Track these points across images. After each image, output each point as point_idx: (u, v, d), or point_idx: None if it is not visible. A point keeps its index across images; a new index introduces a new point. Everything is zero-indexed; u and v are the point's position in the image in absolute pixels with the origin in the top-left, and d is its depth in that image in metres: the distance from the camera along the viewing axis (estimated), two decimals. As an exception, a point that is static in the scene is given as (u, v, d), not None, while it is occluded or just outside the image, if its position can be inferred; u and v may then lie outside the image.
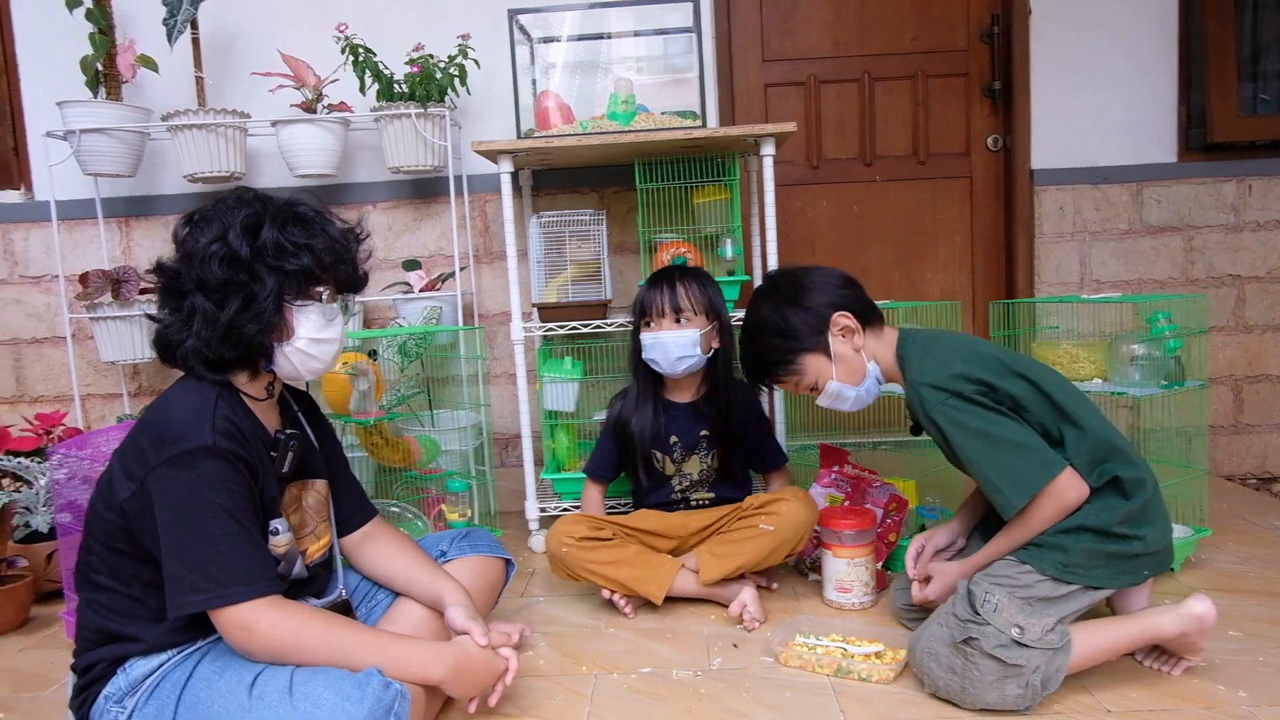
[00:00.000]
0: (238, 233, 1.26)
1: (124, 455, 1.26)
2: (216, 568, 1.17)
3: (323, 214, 1.34)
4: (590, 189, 2.77)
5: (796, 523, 1.85)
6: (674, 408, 2.02)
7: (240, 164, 2.57)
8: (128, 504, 1.22)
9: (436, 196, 2.78)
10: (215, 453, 1.19)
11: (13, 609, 2.06)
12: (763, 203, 2.34)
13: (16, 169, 2.88)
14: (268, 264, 1.26)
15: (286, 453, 1.35)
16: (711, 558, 1.86)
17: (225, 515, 1.19)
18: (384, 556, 1.53)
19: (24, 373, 2.92)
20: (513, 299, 2.33)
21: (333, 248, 1.32)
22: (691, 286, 1.96)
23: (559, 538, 1.87)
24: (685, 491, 2.05)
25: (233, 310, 1.26)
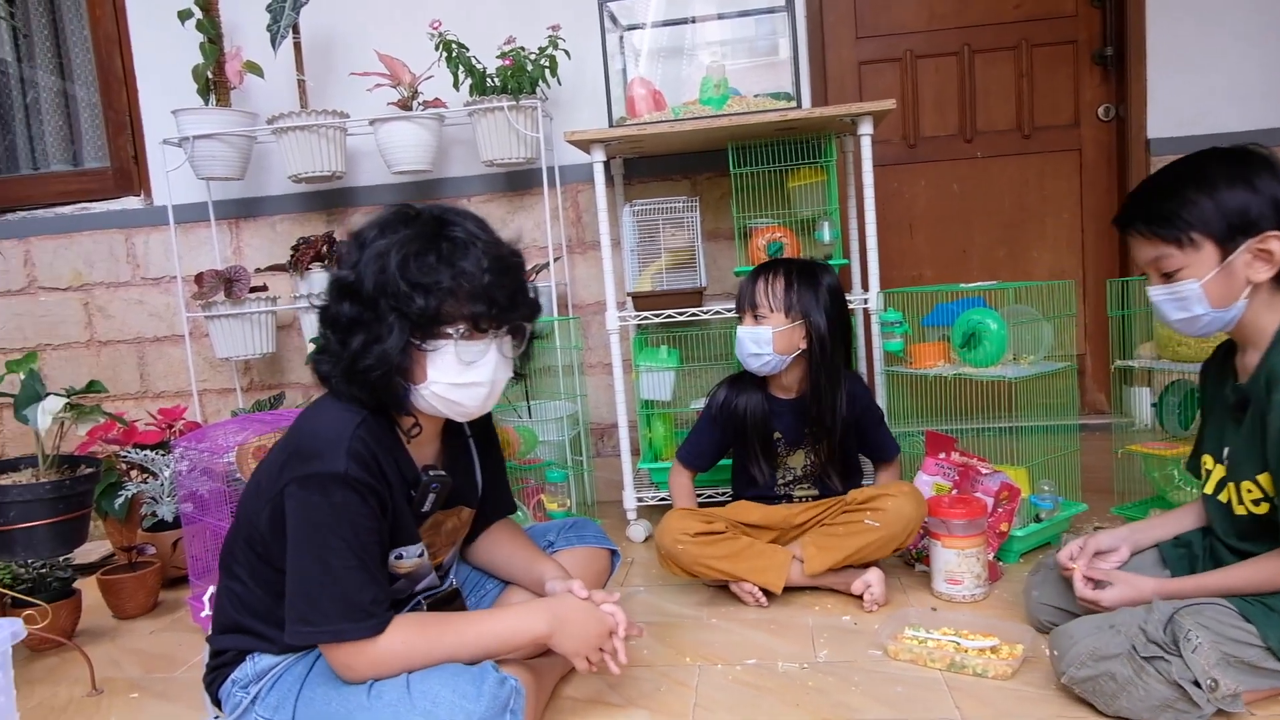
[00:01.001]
0: (369, 263, 1.17)
1: (270, 461, 1.25)
2: (330, 602, 1.16)
3: (472, 238, 1.19)
4: (683, 176, 2.74)
5: (904, 519, 1.80)
6: (777, 403, 1.99)
7: (341, 163, 2.63)
8: (262, 516, 1.22)
9: (530, 188, 2.79)
10: (347, 482, 1.15)
11: (143, 594, 2.17)
12: (860, 184, 2.28)
13: (137, 176, 3.02)
14: (390, 303, 1.17)
15: (427, 494, 1.30)
16: (816, 550, 1.84)
17: (346, 548, 1.15)
18: (492, 545, 1.54)
19: (147, 370, 3.06)
20: (607, 288, 2.33)
21: (465, 284, 1.17)
22: (776, 283, 1.90)
23: (672, 534, 1.85)
24: (789, 484, 2.01)
25: (355, 348, 1.19)
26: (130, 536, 2.41)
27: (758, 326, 1.89)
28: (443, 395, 1.23)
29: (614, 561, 1.65)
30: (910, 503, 1.81)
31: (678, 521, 1.86)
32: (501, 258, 1.21)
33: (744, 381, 2.00)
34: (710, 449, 2.08)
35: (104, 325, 3.06)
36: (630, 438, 2.43)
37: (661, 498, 2.42)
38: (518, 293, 1.23)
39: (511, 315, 1.23)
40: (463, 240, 1.19)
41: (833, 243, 2.34)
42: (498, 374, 1.25)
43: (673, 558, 1.85)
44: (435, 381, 1.22)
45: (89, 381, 2.01)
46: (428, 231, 1.19)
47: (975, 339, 2.14)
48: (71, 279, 3.05)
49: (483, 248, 1.20)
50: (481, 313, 1.19)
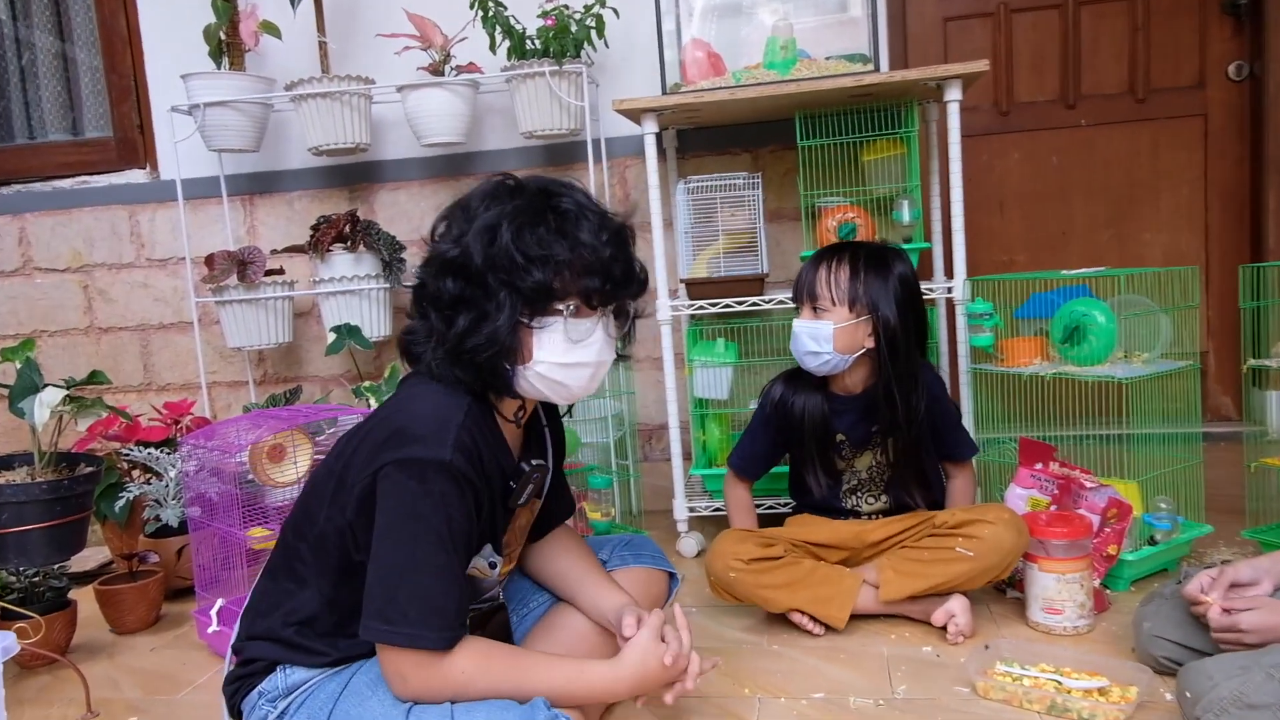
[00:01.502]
0: (476, 237, 1.20)
1: (361, 442, 1.26)
2: (411, 601, 1.17)
3: (583, 210, 1.23)
4: (743, 149, 2.72)
5: (1002, 550, 1.77)
6: (838, 401, 1.96)
7: (365, 134, 2.65)
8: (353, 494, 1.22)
9: (573, 163, 2.79)
10: (449, 471, 1.17)
11: (144, 607, 2.19)
12: (946, 157, 2.25)
13: (143, 147, 3.08)
14: (500, 278, 1.20)
15: (527, 485, 1.34)
16: (895, 574, 1.81)
17: (438, 544, 1.17)
18: (555, 556, 1.54)
19: (151, 360, 3.12)
20: (658, 274, 2.32)
21: (583, 256, 1.21)
22: (840, 270, 1.87)
23: (724, 560, 1.83)
24: (854, 492, 1.99)
25: (461, 328, 1.22)
26: (131, 543, 2.45)
27: (817, 321, 1.86)
28: (548, 376, 1.26)
29: (672, 585, 1.65)
30: (1011, 532, 1.77)
31: (730, 545, 1.85)
32: (619, 229, 1.26)
33: (802, 378, 1.98)
34: (765, 454, 2.07)
35: (105, 310, 3.12)
36: (682, 440, 2.41)
37: (716, 508, 2.41)
38: (630, 269, 1.27)
39: (624, 291, 1.27)
40: (574, 211, 1.22)
41: (913, 224, 2.31)
42: (603, 354, 1.29)
43: (725, 586, 1.84)
44: (541, 361, 1.25)
45: (90, 372, 2.05)
46: (537, 203, 1.22)
47: (1079, 333, 2.10)
48: (70, 259, 3.12)
49: (597, 219, 1.23)
50: (595, 288, 1.23)
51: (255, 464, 2.01)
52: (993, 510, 1.82)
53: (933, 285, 2.26)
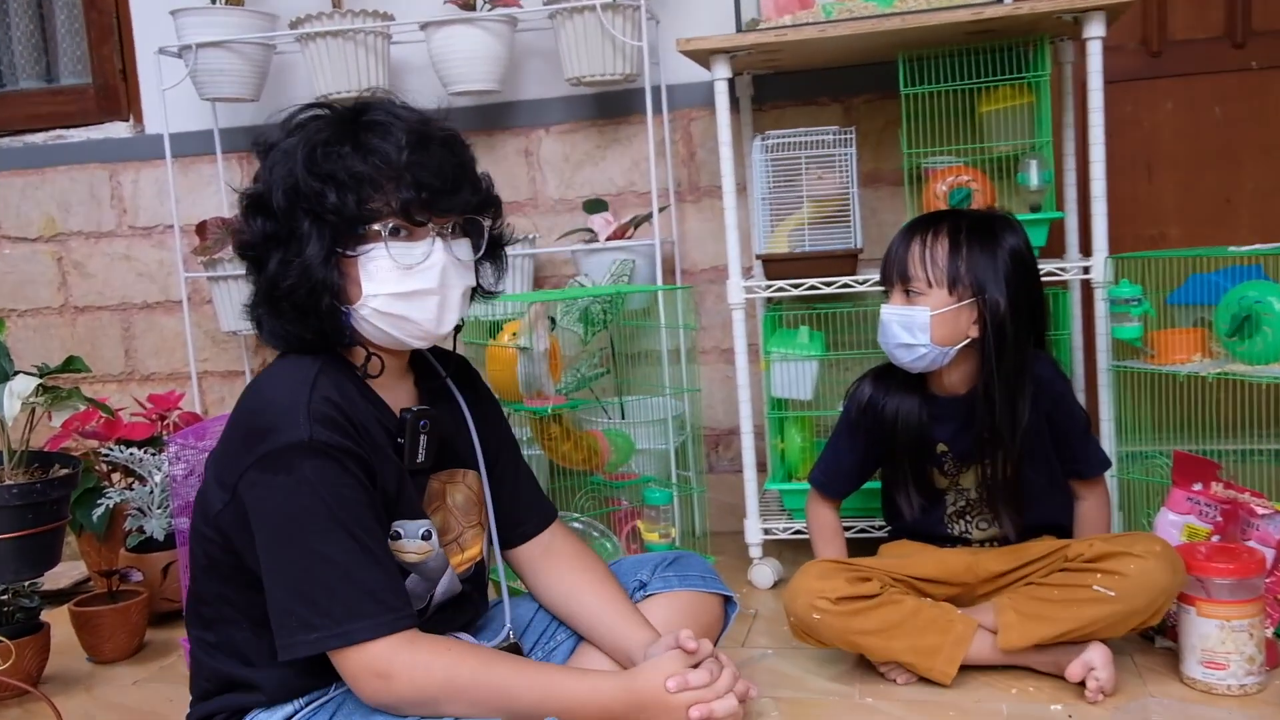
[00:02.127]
0: (277, 166, 1.27)
1: (217, 457, 1.31)
2: (328, 597, 1.19)
3: (393, 119, 1.29)
4: (833, 98, 2.70)
5: (1151, 590, 1.72)
6: (938, 404, 1.94)
7: (383, 79, 2.66)
8: (223, 518, 1.27)
9: (628, 115, 2.78)
10: (314, 448, 1.21)
11: (125, 632, 2.23)
12: (1083, 107, 2.21)
13: (125, 96, 3.12)
14: (303, 207, 1.26)
15: (418, 436, 1.35)
16: (1018, 617, 1.78)
17: (335, 527, 1.20)
18: (559, 577, 1.54)
19: (134, 344, 3.17)
20: (729, 249, 2.31)
21: (385, 167, 1.26)
22: (937, 245, 1.84)
23: (808, 599, 1.81)
24: (962, 514, 1.97)
25: (273, 270, 1.27)
26: (111, 558, 2.49)
27: (910, 306, 1.85)
28: (385, 310, 1.30)
29: (728, 612, 1.64)
30: (1163, 568, 1.72)
31: (815, 580, 1.82)
32: (427, 134, 1.30)
33: (894, 375, 1.97)
34: (853, 468, 2.05)
35: (81, 286, 3.17)
36: (756, 448, 2.40)
37: (796, 530, 2.39)
38: (457, 174, 1.32)
39: (451, 201, 1.31)
40: (381, 122, 1.28)
41: (1042, 189, 2.28)
42: (450, 279, 1.32)
43: (808, 630, 1.83)
44: (372, 295, 1.29)
45: (66, 358, 2.07)
46: (342, 119, 1.29)
47: (1250, 324, 2.04)
48: (43, 226, 3.17)
49: (403, 126, 1.28)
50: (411, 199, 1.27)
51: (253, 469, 2.03)
52: (1141, 541, 1.77)
53: (1065, 264, 2.23)
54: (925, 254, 1.84)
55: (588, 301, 2.43)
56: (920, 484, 1.95)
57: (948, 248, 1.84)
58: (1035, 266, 1.90)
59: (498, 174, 2.88)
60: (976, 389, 1.89)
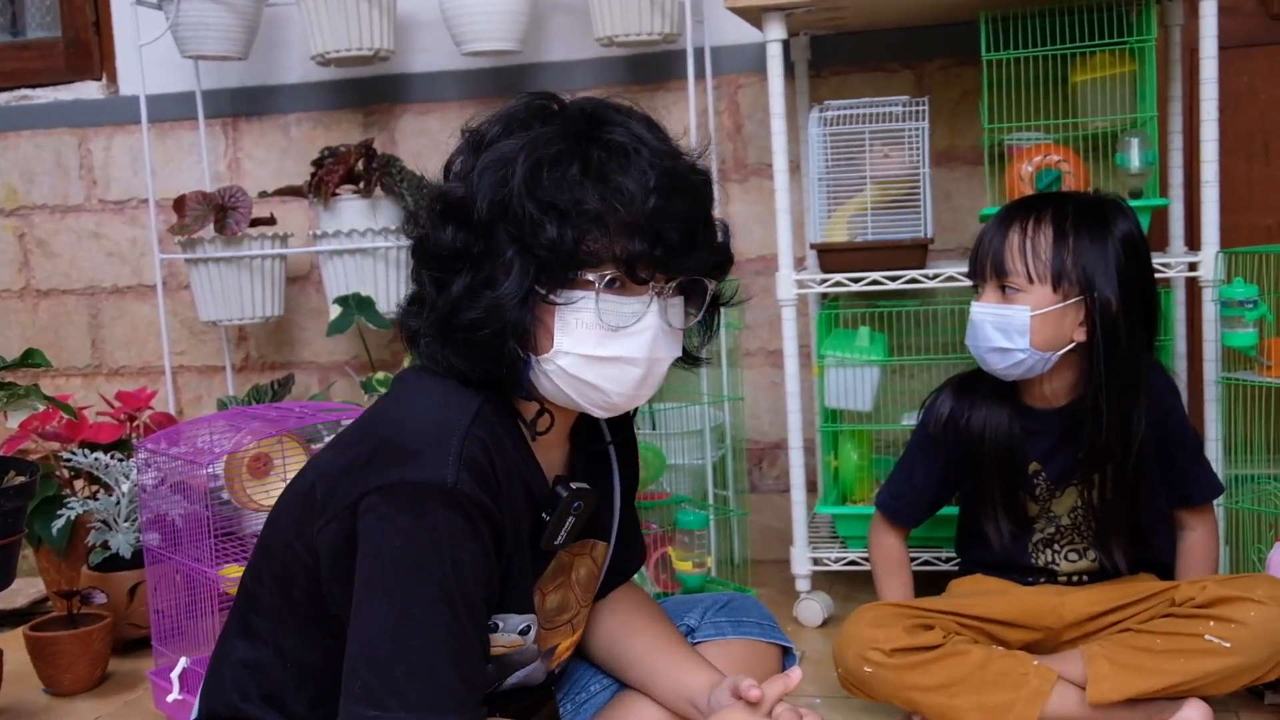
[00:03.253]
0: (485, 172, 1.19)
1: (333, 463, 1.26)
2: (409, 677, 1.15)
3: (638, 144, 1.21)
4: (903, 64, 2.69)
5: (1274, 640, 1.70)
6: (1033, 417, 1.93)
7: (388, 37, 2.66)
8: (324, 537, 1.22)
9: (666, 80, 2.78)
10: (453, 498, 1.16)
11: (86, 661, 2.23)
12: (1193, 78, 2.20)
13: (97, 52, 3.14)
14: (510, 231, 1.19)
15: (566, 519, 1.31)
16: (1112, 668, 1.75)
17: (441, 599, 1.16)
18: (622, 630, 1.52)
19: (101, 334, 3.19)
20: (780, 236, 2.29)
21: (622, 208, 1.18)
22: (1039, 234, 1.83)
23: (859, 649, 1.81)
24: (1050, 543, 1.96)
25: (456, 293, 1.21)
26: (72, 575, 2.50)
27: (1007, 305, 1.83)
28: (573, 373, 1.24)
29: (786, 665, 1.61)
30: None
31: (868, 628, 1.82)
32: (678, 174, 1.22)
33: (980, 385, 1.96)
34: (929, 492, 2.04)
35: (45, 268, 3.20)
36: (805, 466, 2.39)
37: (850, 561, 2.38)
38: (699, 229, 1.24)
39: (686, 261, 1.23)
40: (622, 145, 1.20)
41: (1145, 172, 2.26)
42: (658, 349, 1.25)
43: (859, 683, 1.83)
44: (564, 352, 1.23)
45: (25, 351, 2.10)
46: (573, 130, 1.21)
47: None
48: (3, 198, 3.20)
49: (650, 157, 1.20)
50: (642, 254, 1.20)
51: (232, 480, 2.03)
52: (1263, 585, 1.76)
53: (1169, 259, 2.21)
54: (1025, 244, 1.83)
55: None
56: (1008, 510, 1.93)
57: (1052, 237, 1.82)
58: (1149, 259, 1.88)
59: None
60: (1081, 400, 1.88)
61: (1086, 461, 1.89)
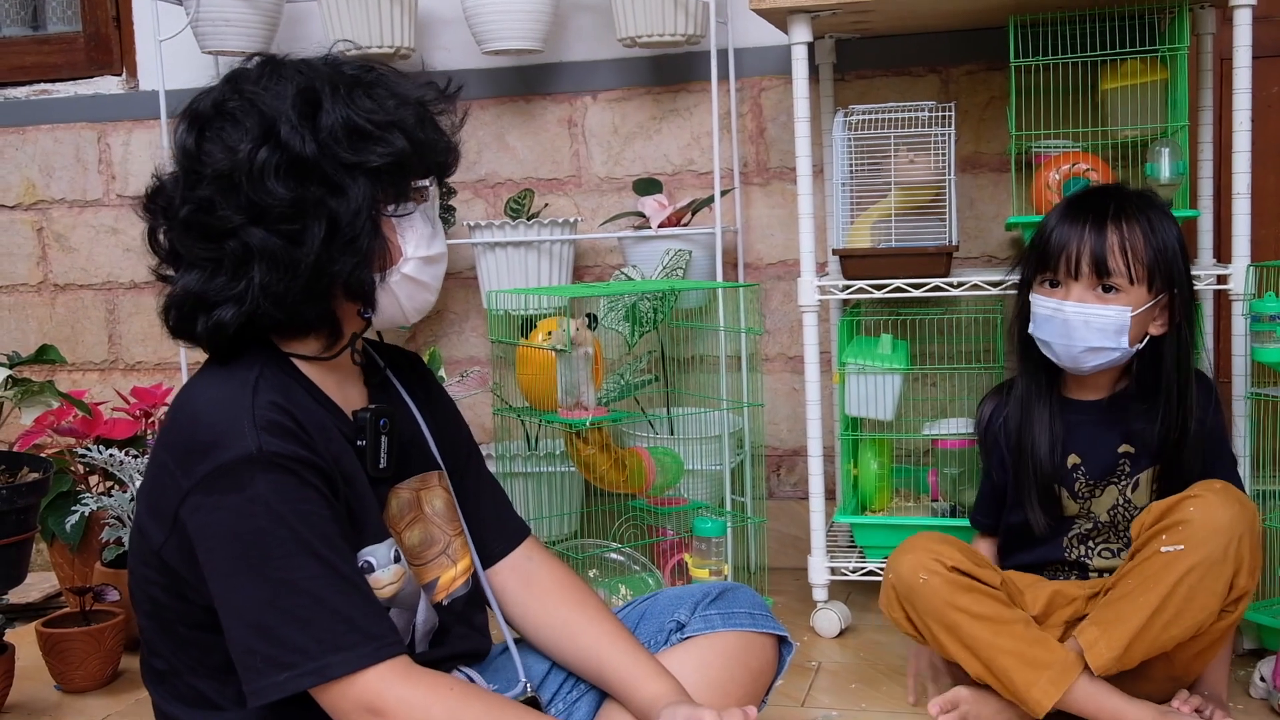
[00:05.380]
0: (293, 121, 1.23)
1: (147, 488, 1.29)
2: (299, 629, 1.18)
3: (383, 73, 1.32)
4: (929, 68, 2.68)
5: (1218, 528, 1.70)
6: (1074, 409, 1.96)
7: (409, 35, 2.67)
8: (166, 553, 1.25)
9: (689, 82, 2.77)
10: (265, 460, 1.19)
11: (98, 659, 2.23)
12: (1225, 87, 2.18)
13: (117, 46, 3.14)
14: (345, 161, 1.24)
15: (379, 437, 1.35)
16: (1099, 630, 1.76)
17: (298, 549, 1.19)
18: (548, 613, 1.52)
19: (118, 329, 3.19)
20: (802, 241, 2.29)
21: (422, 117, 1.30)
22: (1137, 231, 1.84)
23: (922, 556, 1.83)
24: (1085, 539, 1.96)
25: (317, 242, 1.23)
26: (85, 571, 2.50)
27: (1108, 306, 1.84)
28: (415, 277, 1.34)
29: (782, 655, 1.60)
30: (1224, 502, 1.72)
31: (930, 543, 1.85)
32: (431, 84, 1.37)
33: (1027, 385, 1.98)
34: (996, 498, 2.07)
35: (62, 262, 3.20)
36: (825, 474, 2.38)
37: (868, 570, 2.37)
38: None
39: (454, 162, 1.39)
40: (377, 72, 1.32)
41: (1175, 182, 2.24)
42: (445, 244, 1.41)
43: (906, 597, 1.84)
44: (409, 259, 1.33)
45: (40, 347, 2.09)
46: (336, 69, 1.29)
47: None
48: (22, 193, 3.20)
49: (403, 76, 1.33)
50: (443, 156, 1.35)
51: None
52: (1195, 485, 1.78)
53: (1197, 271, 2.18)
54: (1125, 244, 1.83)
55: (635, 297, 2.41)
56: (1048, 504, 1.94)
57: (1144, 233, 1.84)
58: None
59: (535, 145, 2.92)
60: (1123, 393, 1.93)
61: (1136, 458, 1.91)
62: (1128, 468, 1.93)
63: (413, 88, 1.32)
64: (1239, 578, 1.71)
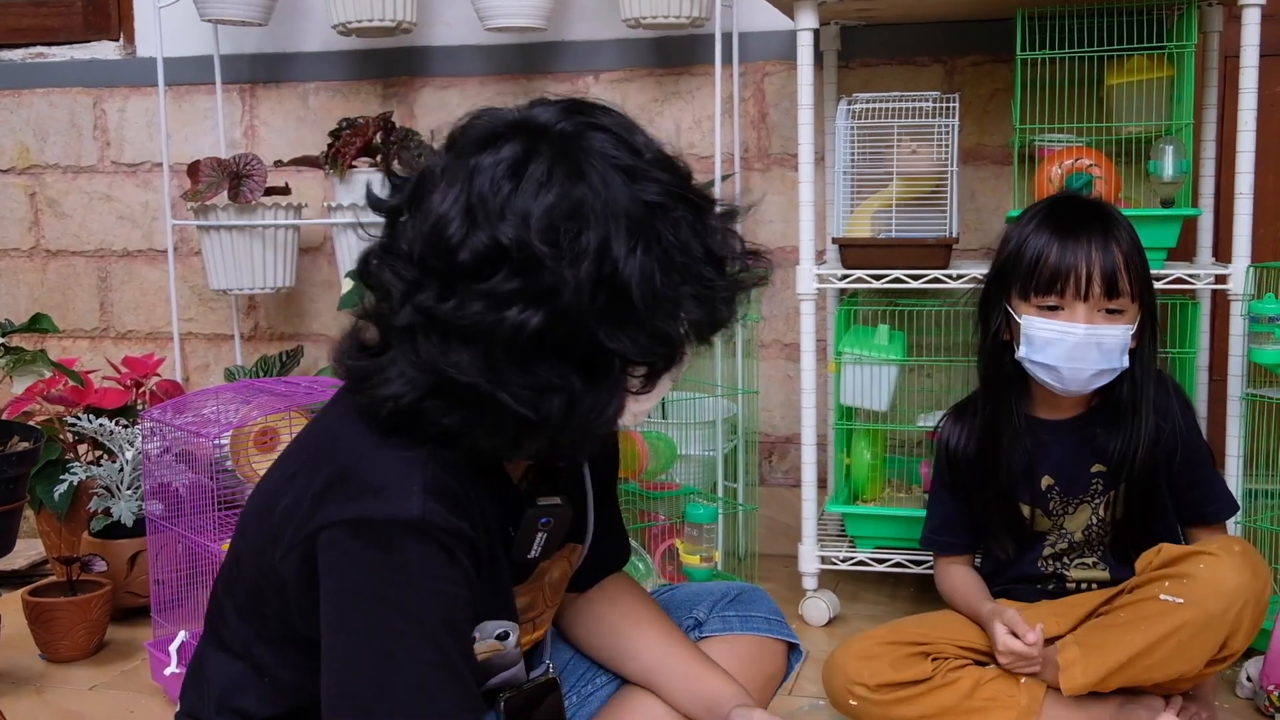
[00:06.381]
0: (624, 243, 1.06)
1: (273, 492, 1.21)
2: (388, 712, 1.13)
3: (686, 196, 1.14)
4: (934, 58, 2.67)
5: (1223, 591, 1.67)
6: (1045, 430, 1.91)
7: (411, 9, 2.65)
8: (285, 567, 1.18)
9: (691, 65, 2.76)
10: (424, 531, 1.11)
11: (84, 629, 2.23)
12: (1231, 86, 2.17)
13: (116, 12, 3.11)
14: (617, 331, 1.08)
15: (534, 534, 1.27)
16: (1080, 651, 1.74)
17: (420, 635, 1.12)
18: (625, 622, 1.50)
19: (110, 297, 3.17)
20: (802, 228, 2.29)
21: (709, 290, 1.12)
22: (1131, 245, 1.80)
23: (844, 681, 1.81)
24: (1060, 556, 1.93)
25: (556, 410, 1.10)
26: (72, 541, 2.49)
27: (1114, 325, 1.79)
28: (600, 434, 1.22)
29: (792, 661, 1.60)
30: (1236, 567, 1.68)
31: (855, 662, 1.81)
32: (729, 223, 1.20)
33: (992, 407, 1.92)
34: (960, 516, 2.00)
35: (55, 228, 3.18)
36: (817, 462, 2.38)
37: (858, 560, 2.37)
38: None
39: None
40: (677, 216, 1.12)
41: (1178, 180, 2.23)
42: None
43: (848, 714, 1.84)
44: (623, 423, 1.23)
45: (33, 316, 2.08)
46: (618, 194, 1.10)
47: None
48: (15, 156, 3.18)
49: (715, 213, 1.17)
50: (708, 332, 1.17)
51: (238, 453, 2.02)
52: (1218, 539, 1.76)
53: (1196, 270, 2.20)
54: (1128, 259, 1.79)
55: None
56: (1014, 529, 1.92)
57: (1136, 248, 1.81)
58: None
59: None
60: (1093, 411, 1.88)
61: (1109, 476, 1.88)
62: (1100, 486, 1.89)
63: (709, 235, 1.14)
64: (1233, 640, 1.69)
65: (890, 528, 2.36)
